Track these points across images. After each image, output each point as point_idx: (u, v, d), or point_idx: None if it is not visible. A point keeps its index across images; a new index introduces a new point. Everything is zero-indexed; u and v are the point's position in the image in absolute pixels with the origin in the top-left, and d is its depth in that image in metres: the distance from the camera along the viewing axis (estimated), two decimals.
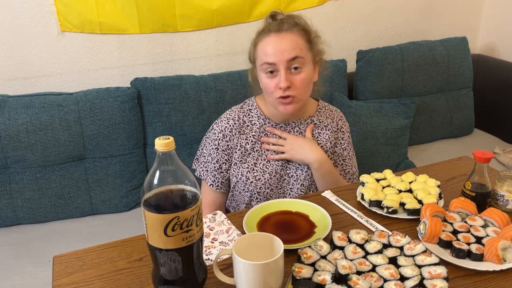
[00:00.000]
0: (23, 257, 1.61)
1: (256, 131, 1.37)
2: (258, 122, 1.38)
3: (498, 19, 2.61)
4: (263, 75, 1.28)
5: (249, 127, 1.37)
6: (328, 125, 1.40)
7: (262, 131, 1.37)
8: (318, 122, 1.40)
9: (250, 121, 1.38)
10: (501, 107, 2.44)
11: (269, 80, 1.26)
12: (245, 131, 1.37)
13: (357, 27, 2.40)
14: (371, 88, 2.23)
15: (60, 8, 1.86)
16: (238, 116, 1.38)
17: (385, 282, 0.83)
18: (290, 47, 1.23)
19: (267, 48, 1.25)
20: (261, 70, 1.27)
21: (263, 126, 1.37)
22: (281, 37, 1.25)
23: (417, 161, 2.18)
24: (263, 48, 1.26)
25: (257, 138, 1.37)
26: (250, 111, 1.39)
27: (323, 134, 1.39)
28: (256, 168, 1.35)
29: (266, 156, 1.36)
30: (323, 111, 1.42)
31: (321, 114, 1.41)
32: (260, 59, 1.27)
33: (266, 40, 1.26)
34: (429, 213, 1.02)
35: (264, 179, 1.33)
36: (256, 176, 1.34)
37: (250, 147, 1.36)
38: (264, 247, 0.85)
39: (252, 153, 1.36)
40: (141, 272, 0.94)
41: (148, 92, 1.91)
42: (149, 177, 0.78)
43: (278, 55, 1.23)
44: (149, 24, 2.00)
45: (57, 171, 1.80)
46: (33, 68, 1.93)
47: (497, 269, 0.90)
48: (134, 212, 1.91)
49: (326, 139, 1.39)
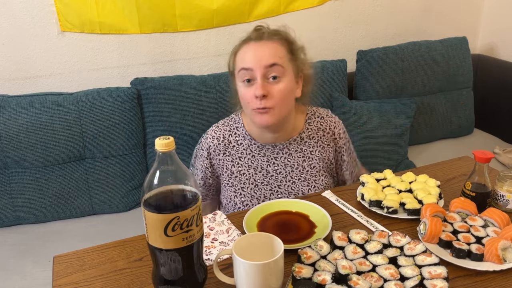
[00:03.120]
0: (23, 257, 1.61)
1: (242, 153, 1.30)
2: (244, 143, 1.31)
3: (498, 19, 2.61)
4: (240, 84, 1.22)
5: (235, 147, 1.31)
6: (319, 140, 1.32)
7: (248, 153, 1.30)
8: (308, 139, 1.31)
9: (236, 141, 1.31)
10: (501, 107, 2.44)
11: (246, 89, 1.19)
12: (230, 152, 1.30)
13: (357, 27, 2.40)
14: (371, 88, 2.23)
15: (60, 8, 1.86)
16: (223, 135, 1.31)
17: (385, 282, 0.83)
18: (268, 54, 1.18)
19: (245, 55, 1.20)
20: (239, 79, 1.22)
21: (249, 147, 1.30)
22: (261, 44, 1.20)
23: (417, 161, 2.18)
24: (241, 56, 1.21)
25: (243, 160, 1.30)
26: (237, 129, 1.32)
27: (315, 152, 1.31)
28: (243, 193, 1.28)
29: (254, 180, 1.29)
30: (313, 121, 1.33)
31: (311, 128, 1.32)
32: (237, 65, 1.21)
33: (245, 48, 1.21)
34: (429, 213, 1.02)
35: (251, 205, 1.26)
36: (243, 202, 1.28)
37: (236, 169, 1.30)
38: (264, 247, 0.85)
39: (239, 176, 1.29)
40: (141, 272, 0.94)
41: (148, 92, 1.91)
42: (149, 177, 0.78)
43: (255, 61, 1.17)
44: (149, 24, 2.00)
45: (57, 171, 1.80)
46: (33, 68, 1.93)
47: (497, 269, 0.90)
48: (134, 212, 1.91)
49: (319, 157, 1.31)
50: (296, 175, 1.30)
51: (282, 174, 1.29)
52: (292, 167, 1.30)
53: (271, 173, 1.29)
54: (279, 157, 1.30)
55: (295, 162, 1.30)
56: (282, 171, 1.30)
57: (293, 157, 1.30)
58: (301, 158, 1.31)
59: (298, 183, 1.29)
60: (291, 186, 1.29)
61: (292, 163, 1.30)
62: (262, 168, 1.29)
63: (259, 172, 1.29)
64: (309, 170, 1.30)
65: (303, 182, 1.29)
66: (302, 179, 1.29)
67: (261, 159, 1.30)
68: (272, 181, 1.29)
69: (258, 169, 1.29)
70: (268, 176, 1.29)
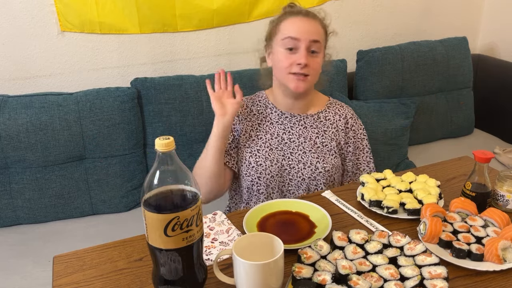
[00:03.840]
0: (23, 257, 1.61)
1: (262, 120, 1.42)
2: (265, 112, 1.43)
3: (498, 19, 2.61)
4: (281, 50, 1.32)
5: (255, 115, 1.43)
6: (334, 122, 1.43)
7: (267, 120, 1.42)
8: (324, 120, 1.43)
9: (258, 110, 1.44)
10: (501, 107, 2.44)
11: (287, 55, 1.30)
12: (251, 118, 1.42)
13: (357, 27, 2.40)
14: (371, 88, 2.23)
15: (60, 8, 1.86)
16: (246, 104, 1.45)
17: (385, 282, 0.83)
18: (314, 30, 1.32)
19: (294, 26, 1.31)
20: (280, 45, 1.32)
21: (269, 115, 1.42)
22: (308, 20, 1.33)
23: (417, 161, 2.18)
24: (289, 25, 1.32)
25: (262, 126, 1.41)
26: (259, 101, 1.45)
27: (329, 132, 1.42)
28: (258, 154, 1.37)
29: (270, 144, 1.39)
30: (333, 106, 1.46)
31: (329, 110, 1.44)
32: (283, 33, 1.32)
33: (294, 19, 1.33)
34: (429, 213, 1.02)
35: (265, 165, 1.36)
36: (257, 162, 1.36)
37: (254, 133, 1.40)
38: (264, 247, 0.85)
39: (255, 139, 1.40)
40: (141, 272, 0.94)
41: (148, 92, 1.91)
42: (149, 177, 0.78)
43: (303, 33, 1.29)
44: (149, 24, 2.00)
45: (57, 171, 1.80)
46: (33, 68, 1.93)
47: (497, 269, 0.90)
48: (134, 212, 1.91)
49: (331, 137, 1.41)
50: (308, 146, 1.40)
51: (295, 143, 1.40)
52: (305, 138, 1.40)
53: (285, 140, 1.40)
54: (294, 127, 1.41)
55: (308, 135, 1.41)
56: (296, 140, 1.40)
57: (307, 131, 1.42)
58: (315, 134, 1.42)
59: (309, 154, 1.39)
60: (302, 155, 1.39)
61: (305, 135, 1.41)
62: (278, 134, 1.41)
63: (275, 138, 1.40)
64: (320, 146, 1.40)
65: (313, 154, 1.39)
66: (313, 151, 1.39)
67: (278, 126, 1.41)
68: (286, 147, 1.40)
69: (274, 135, 1.40)
70: (282, 142, 1.40)
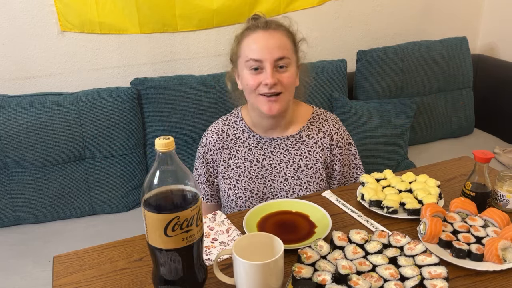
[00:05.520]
0: (23, 257, 1.61)
1: (240, 146, 1.32)
2: (243, 136, 1.33)
3: (498, 19, 2.61)
4: (246, 72, 1.22)
5: (233, 141, 1.33)
6: (318, 141, 1.31)
7: (246, 146, 1.32)
8: (307, 139, 1.31)
9: (234, 135, 1.33)
10: (501, 107, 2.44)
11: (253, 76, 1.20)
12: (228, 145, 1.33)
13: (357, 27, 2.40)
14: (371, 88, 2.23)
15: (60, 8, 1.86)
16: (222, 129, 1.34)
17: (385, 282, 0.83)
18: (277, 46, 1.19)
19: (254, 45, 1.20)
20: (245, 67, 1.22)
21: (247, 140, 1.32)
22: (269, 34, 1.20)
23: (417, 161, 2.18)
24: (249, 44, 1.21)
25: (240, 153, 1.32)
26: (236, 123, 1.35)
27: (313, 152, 1.31)
28: (237, 185, 1.30)
29: (249, 172, 1.30)
30: (316, 121, 1.33)
31: (312, 127, 1.32)
32: (245, 55, 1.21)
33: (253, 36, 1.21)
34: (429, 213, 1.02)
35: (245, 197, 1.28)
36: (236, 194, 1.29)
37: (232, 162, 1.32)
38: (264, 247, 0.85)
39: (234, 168, 1.31)
40: (141, 272, 0.94)
41: (148, 92, 1.91)
42: (149, 177, 0.78)
43: (265, 53, 1.18)
44: (149, 24, 2.00)
45: (57, 171, 1.80)
46: (33, 68, 1.93)
47: (497, 269, 0.90)
48: (134, 212, 1.91)
49: (316, 158, 1.30)
50: (290, 172, 1.30)
51: (276, 169, 1.30)
52: (287, 163, 1.30)
53: (266, 167, 1.31)
54: (275, 152, 1.31)
55: (291, 159, 1.31)
56: (277, 166, 1.30)
57: (289, 154, 1.31)
58: (298, 156, 1.31)
59: (291, 180, 1.29)
60: (284, 182, 1.30)
61: (287, 159, 1.31)
62: (258, 161, 1.31)
63: (255, 165, 1.31)
64: (304, 169, 1.30)
65: (296, 181, 1.29)
66: (295, 178, 1.30)
67: (257, 152, 1.31)
68: (267, 175, 1.30)
69: (254, 162, 1.31)
70: (263, 169, 1.30)
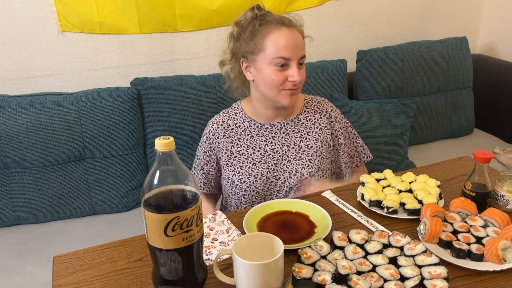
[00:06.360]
0: (23, 257, 1.61)
1: (241, 134, 1.37)
2: (243, 125, 1.38)
3: (498, 19, 2.61)
4: (270, 67, 1.25)
5: (234, 130, 1.38)
6: (316, 121, 1.38)
7: (247, 134, 1.37)
8: (305, 121, 1.38)
9: (235, 124, 1.38)
10: (501, 107, 2.44)
11: (278, 73, 1.25)
12: (230, 134, 1.37)
13: (357, 27, 2.40)
14: (371, 88, 2.23)
15: (60, 8, 1.86)
16: (222, 120, 1.39)
17: (385, 282, 0.83)
18: (300, 44, 1.27)
19: (282, 42, 1.23)
20: (270, 63, 1.24)
21: (248, 128, 1.37)
22: (293, 32, 1.26)
23: (417, 161, 2.18)
24: (277, 41, 1.24)
25: (242, 141, 1.36)
26: (236, 115, 1.40)
27: (312, 133, 1.37)
28: (241, 171, 1.33)
29: (252, 159, 1.34)
30: (310, 105, 1.41)
31: (308, 110, 1.40)
32: (273, 52, 1.23)
33: (279, 33, 1.24)
34: (429, 213, 1.02)
35: (249, 182, 1.32)
36: (241, 179, 1.33)
37: (235, 150, 1.36)
38: (264, 247, 0.85)
39: (238, 156, 1.35)
40: (141, 272, 0.94)
41: (148, 92, 1.91)
42: (149, 177, 0.78)
43: (294, 51, 1.24)
44: (149, 24, 2.00)
45: (57, 171, 1.80)
46: (33, 68, 1.93)
47: (497, 269, 0.90)
48: (134, 212, 1.91)
49: (316, 138, 1.37)
50: (292, 154, 1.35)
51: (278, 153, 1.35)
52: (288, 146, 1.35)
53: (268, 152, 1.35)
54: (276, 137, 1.36)
55: (292, 142, 1.36)
56: (279, 150, 1.35)
57: (290, 137, 1.36)
58: (298, 138, 1.37)
59: (294, 161, 1.34)
60: (286, 164, 1.34)
61: (289, 142, 1.36)
62: (260, 147, 1.35)
63: (257, 151, 1.35)
64: (305, 150, 1.35)
65: (298, 161, 1.34)
66: (297, 158, 1.34)
67: (259, 139, 1.36)
68: (269, 159, 1.34)
69: (256, 148, 1.35)
70: (265, 155, 1.35)
